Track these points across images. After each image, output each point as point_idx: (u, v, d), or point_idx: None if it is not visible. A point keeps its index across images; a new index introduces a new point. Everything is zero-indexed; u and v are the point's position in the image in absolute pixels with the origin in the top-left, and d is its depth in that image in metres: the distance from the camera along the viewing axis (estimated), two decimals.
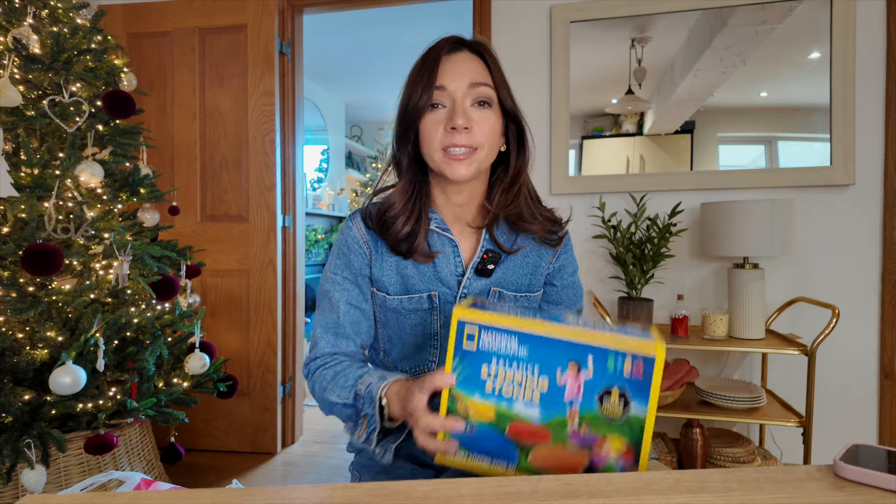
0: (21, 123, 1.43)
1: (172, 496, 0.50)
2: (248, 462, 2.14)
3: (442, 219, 0.82)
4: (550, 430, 0.57)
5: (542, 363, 0.57)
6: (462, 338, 0.58)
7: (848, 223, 1.81)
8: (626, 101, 1.96)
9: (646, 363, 0.54)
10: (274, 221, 2.19)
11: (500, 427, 0.58)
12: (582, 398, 0.56)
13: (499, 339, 0.58)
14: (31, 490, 1.30)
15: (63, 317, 1.44)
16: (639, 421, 0.54)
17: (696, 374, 1.76)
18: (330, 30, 3.36)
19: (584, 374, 0.56)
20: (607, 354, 0.55)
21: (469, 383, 0.58)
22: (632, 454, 0.55)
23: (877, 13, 1.76)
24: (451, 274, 0.81)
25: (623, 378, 0.55)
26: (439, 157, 0.75)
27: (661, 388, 1.62)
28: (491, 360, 0.58)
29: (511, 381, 0.57)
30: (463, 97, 0.75)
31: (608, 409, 0.55)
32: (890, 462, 0.49)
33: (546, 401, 0.57)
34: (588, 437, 0.56)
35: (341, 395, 0.73)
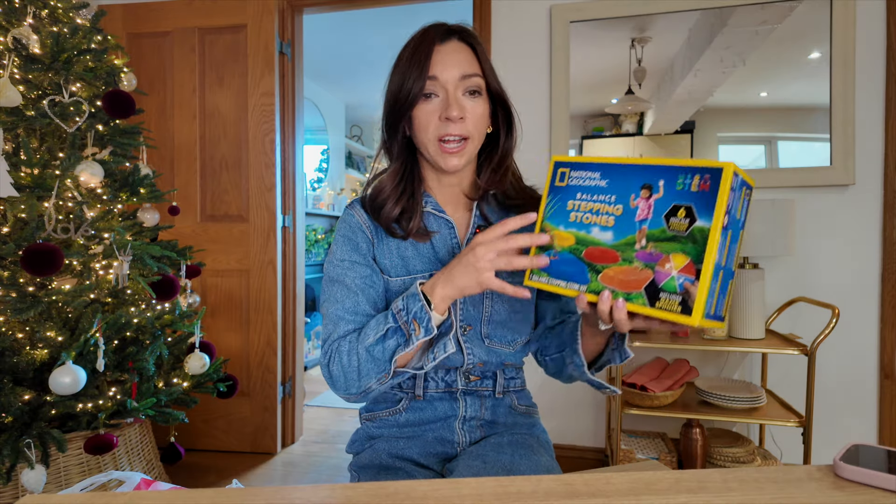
0: (21, 123, 1.43)
1: (172, 496, 0.50)
2: (248, 462, 2.14)
3: (436, 201, 0.85)
4: (619, 250, 0.61)
5: (618, 191, 0.62)
6: (556, 178, 0.68)
7: (848, 223, 1.81)
8: (626, 101, 1.96)
9: (713, 177, 0.56)
10: (274, 221, 2.19)
11: (578, 252, 0.65)
12: (651, 217, 0.60)
13: (585, 174, 0.66)
14: (31, 490, 1.30)
15: (63, 317, 1.44)
16: (702, 231, 0.56)
17: (696, 374, 1.76)
18: (330, 30, 3.36)
19: (655, 195, 0.60)
20: (678, 174, 0.59)
21: (557, 216, 0.67)
22: (693, 269, 0.56)
23: (877, 13, 1.76)
24: (449, 253, 0.83)
25: (691, 194, 0.58)
26: (434, 149, 0.78)
27: (660, 387, 1.62)
28: (576, 194, 0.66)
29: (591, 210, 0.64)
30: (455, 88, 0.77)
31: (674, 224, 0.58)
32: (890, 462, 0.49)
33: (619, 224, 0.62)
34: (653, 255, 0.59)
35: (378, 329, 0.72)
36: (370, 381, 0.73)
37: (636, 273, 0.60)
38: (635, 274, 0.60)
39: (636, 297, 0.60)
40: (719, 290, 0.58)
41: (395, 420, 0.86)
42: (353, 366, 0.73)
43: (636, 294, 0.60)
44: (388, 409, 0.86)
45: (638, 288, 0.60)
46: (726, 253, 0.58)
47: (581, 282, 0.64)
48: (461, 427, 0.84)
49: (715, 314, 0.58)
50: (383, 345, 0.71)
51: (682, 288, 0.57)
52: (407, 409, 0.85)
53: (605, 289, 0.62)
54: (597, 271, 0.63)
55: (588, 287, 0.63)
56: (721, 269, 0.57)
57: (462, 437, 0.84)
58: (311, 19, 2.70)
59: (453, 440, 0.84)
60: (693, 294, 0.56)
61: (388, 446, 0.84)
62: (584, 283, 0.64)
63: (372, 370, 0.72)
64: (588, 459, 2.04)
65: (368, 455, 0.84)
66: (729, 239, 0.58)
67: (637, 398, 1.62)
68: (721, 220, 0.55)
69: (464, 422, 0.84)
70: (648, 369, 1.75)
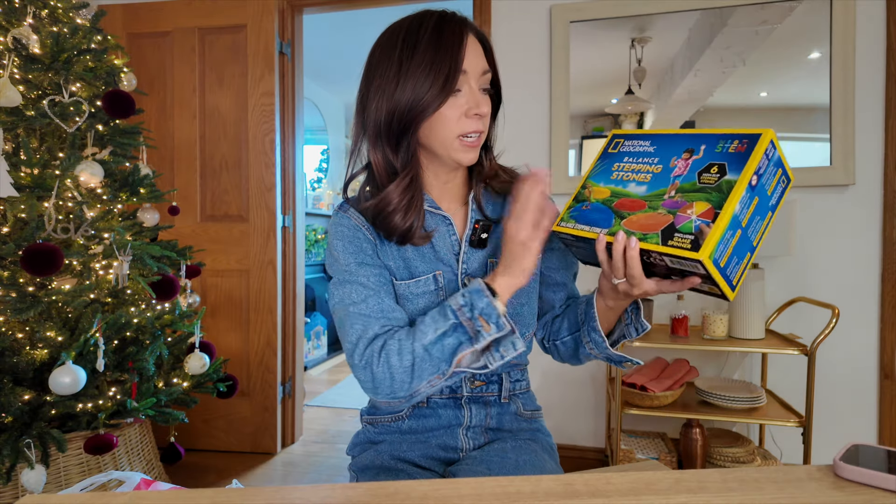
0: (21, 123, 1.43)
1: (172, 496, 0.50)
2: (248, 462, 2.14)
3: (431, 198, 0.81)
4: (648, 200, 0.64)
5: (662, 155, 0.66)
6: (609, 146, 0.73)
7: (848, 223, 1.81)
8: (625, 101, 1.96)
9: (750, 141, 0.60)
10: (274, 221, 2.19)
11: (610, 202, 0.68)
12: (686, 173, 0.63)
13: (636, 143, 0.70)
14: (31, 490, 1.30)
15: (63, 317, 1.44)
16: (729, 183, 0.58)
17: (695, 374, 1.76)
18: (330, 30, 3.36)
19: (695, 157, 0.63)
20: (719, 139, 0.62)
21: (600, 176, 0.71)
22: (711, 214, 0.58)
23: (877, 13, 1.76)
24: (450, 252, 0.80)
25: (727, 154, 0.61)
26: (456, 145, 0.74)
27: (660, 387, 1.62)
28: (623, 158, 0.70)
29: (632, 170, 0.68)
30: (477, 83, 0.74)
31: (705, 178, 0.61)
32: (890, 462, 0.49)
33: (655, 179, 0.65)
34: (678, 203, 0.62)
35: (437, 326, 0.67)
36: (421, 383, 0.68)
37: (658, 218, 0.62)
38: (657, 219, 0.62)
39: (651, 237, 0.61)
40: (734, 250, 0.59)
41: (398, 427, 0.84)
42: (406, 365, 0.67)
43: (652, 234, 0.61)
44: (391, 415, 0.84)
45: (655, 230, 0.61)
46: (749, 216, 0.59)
47: (605, 226, 0.66)
48: (465, 434, 0.82)
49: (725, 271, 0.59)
50: (443, 342, 0.67)
51: (696, 228, 0.58)
52: (410, 416, 0.83)
53: (625, 231, 0.63)
54: (622, 217, 0.65)
55: (609, 230, 0.65)
56: (740, 227, 0.59)
57: (466, 442, 0.82)
58: (311, 19, 2.70)
59: (457, 446, 0.82)
60: (706, 233, 0.57)
61: (391, 449, 0.83)
62: (607, 227, 0.66)
63: (427, 370, 0.68)
64: (588, 459, 2.04)
65: (370, 456, 0.83)
66: (755, 205, 0.60)
67: (637, 398, 1.62)
68: (749, 176, 0.58)
69: (468, 429, 0.82)
70: (648, 369, 1.75)
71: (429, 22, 0.72)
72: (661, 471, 0.54)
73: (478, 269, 0.80)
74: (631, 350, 1.96)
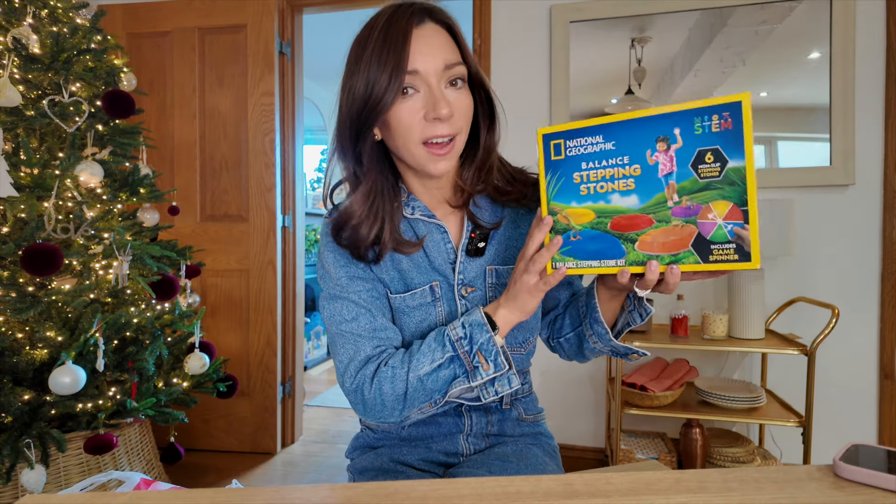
0: (21, 123, 1.43)
1: (172, 496, 0.50)
2: (248, 462, 2.14)
3: (424, 205, 0.76)
4: (651, 212, 0.56)
5: (630, 151, 0.56)
6: (549, 152, 0.61)
7: (848, 223, 1.81)
8: (625, 101, 1.96)
9: (733, 112, 0.52)
10: (274, 221, 2.19)
11: (602, 225, 0.59)
12: (677, 168, 0.55)
13: (584, 142, 0.59)
14: (31, 490, 1.29)
15: (63, 317, 1.44)
16: (738, 172, 0.52)
17: (695, 373, 1.76)
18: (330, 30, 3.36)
19: (674, 146, 0.55)
20: (692, 117, 0.54)
21: (564, 194, 0.60)
22: (739, 213, 0.52)
23: (877, 13, 1.76)
24: (445, 261, 0.76)
25: (713, 135, 0.53)
26: (420, 153, 0.68)
27: (660, 387, 1.62)
28: (580, 164, 0.59)
29: (603, 178, 0.58)
30: (438, 80, 0.66)
31: (704, 172, 0.54)
32: (890, 462, 0.49)
33: (641, 185, 0.56)
34: (690, 208, 0.54)
35: (434, 357, 0.65)
36: (412, 410, 0.68)
37: (677, 231, 0.55)
38: (676, 233, 0.55)
39: (686, 256, 0.55)
40: None
41: (398, 433, 0.82)
42: (399, 393, 0.67)
43: (685, 253, 0.55)
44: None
45: (685, 246, 0.55)
46: None
47: (616, 256, 0.59)
48: (466, 440, 0.81)
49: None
50: (438, 374, 0.65)
51: (732, 234, 0.53)
52: (411, 425, 0.81)
53: (649, 257, 0.57)
54: (631, 241, 0.58)
55: (627, 259, 0.58)
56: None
57: (466, 448, 0.81)
58: (311, 19, 2.70)
59: (458, 451, 0.81)
60: (746, 238, 0.52)
61: (390, 452, 0.82)
62: (621, 256, 0.58)
63: (419, 399, 0.67)
64: (588, 459, 2.04)
65: (370, 458, 0.82)
66: None
67: (637, 398, 1.62)
68: (753, 155, 0.52)
69: (468, 436, 0.81)
70: (648, 369, 1.75)
71: (381, 17, 0.67)
72: (661, 471, 0.54)
73: (475, 279, 0.76)
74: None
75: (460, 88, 0.68)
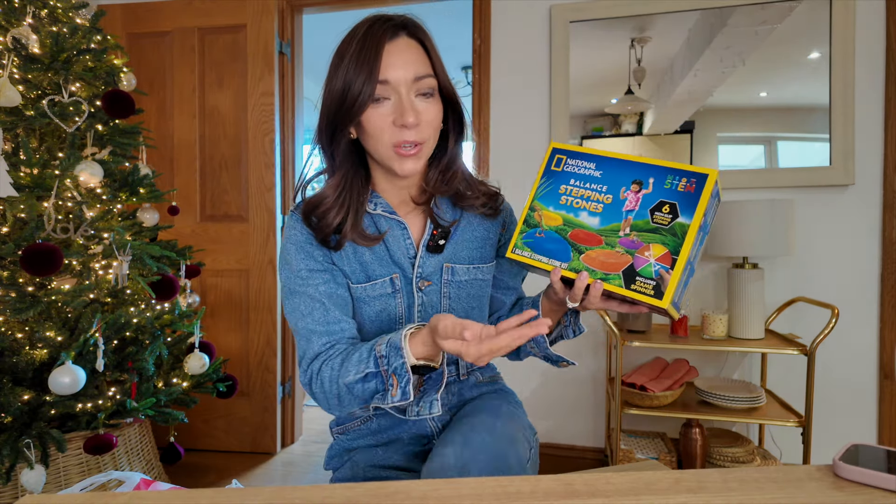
0: (20, 123, 1.43)
1: (172, 496, 0.50)
2: (248, 462, 2.14)
3: (387, 202, 0.82)
4: (604, 235, 0.67)
5: (610, 183, 0.68)
6: (552, 162, 0.73)
7: (847, 223, 1.81)
8: (625, 101, 1.96)
9: (698, 181, 0.63)
10: (273, 221, 2.19)
11: (564, 232, 0.69)
12: (638, 209, 0.65)
13: (580, 163, 0.70)
14: (31, 490, 1.29)
15: (62, 317, 1.44)
16: (682, 227, 0.62)
17: (695, 373, 1.76)
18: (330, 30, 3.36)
19: (644, 191, 0.66)
20: (667, 174, 0.65)
21: (548, 198, 0.71)
22: (669, 259, 0.62)
23: (877, 13, 1.76)
24: (404, 256, 0.81)
25: (676, 192, 0.64)
26: (389, 154, 0.74)
27: (660, 387, 1.62)
28: (570, 180, 0.71)
29: (581, 196, 0.69)
30: (408, 91, 0.72)
31: (658, 218, 0.64)
32: (889, 462, 0.49)
33: (607, 211, 0.67)
34: (634, 242, 0.64)
35: (359, 369, 0.69)
36: (351, 409, 0.75)
37: (616, 257, 0.65)
38: (616, 257, 0.65)
39: (613, 278, 0.65)
40: (684, 283, 0.64)
41: (368, 428, 0.86)
42: (334, 394, 0.73)
43: (614, 275, 0.65)
44: (359, 419, 0.87)
45: (616, 270, 0.65)
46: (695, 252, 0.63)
47: (563, 259, 0.68)
48: (432, 421, 0.85)
49: (676, 303, 0.64)
50: (363, 386, 0.70)
51: (657, 274, 0.62)
52: (377, 416, 0.85)
53: (585, 268, 0.66)
54: (579, 251, 0.67)
55: (569, 265, 0.68)
56: (689, 263, 0.63)
57: (435, 427, 0.85)
58: (310, 19, 2.69)
59: (427, 433, 0.85)
60: (666, 280, 0.62)
61: (367, 458, 0.83)
62: (566, 261, 0.68)
63: (352, 403, 0.73)
64: (588, 459, 2.04)
65: (349, 469, 0.84)
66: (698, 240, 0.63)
67: (637, 398, 1.62)
68: (700, 220, 0.62)
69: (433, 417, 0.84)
70: (648, 369, 1.75)
71: (360, 30, 0.73)
72: (660, 471, 0.54)
73: (432, 274, 0.82)
74: (631, 350, 1.96)
75: (430, 99, 0.74)
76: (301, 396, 2.40)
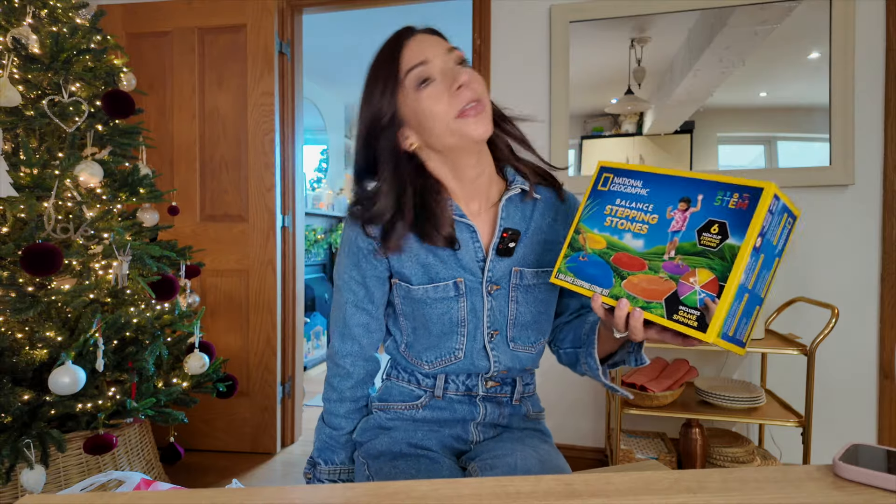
0: (20, 123, 1.43)
1: (172, 496, 0.50)
2: (248, 462, 2.14)
3: (457, 204, 0.80)
4: (647, 259, 0.61)
5: (656, 201, 0.62)
6: (598, 182, 0.68)
7: (847, 223, 1.81)
8: (625, 101, 1.96)
9: (752, 196, 0.55)
10: (273, 221, 2.19)
11: (607, 255, 0.65)
12: (685, 229, 0.59)
13: (627, 182, 0.66)
14: (31, 490, 1.29)
15: (62, 317, 1.44)
16: (732, 249, 0.55)
17: (695, 373, 1.76)
18: (330, 30, 3.36)
19: (692, 209, 0.59)
20: (717, 190, 0.58)
21: (593, 219, 0.67)
22: (716, 286, 0.55)
23: (876, 13, 1.76)
24: (473, 259, 0.80)
25: (727, 210, 0.56)
26: (457, 126, 0.72)
27: (660, 387, 1.62)
28: (616, 200, 0.66)
29: (626, 217, 0.64)
30: (446, 61, 0.74)
31: (705, 239, 0.57)
32: (889, 462, 0.49)
33: (652, 233, 0.61)
34: (679, 267, 0.58)
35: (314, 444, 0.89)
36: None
37: (659, 283, 0.59)
38: (658, 284, 0.59)
39: (655, 307, 0.59)
40: (742, 313, 0.56)
41: (412, 415, 0.86)
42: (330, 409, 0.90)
43: (655, 304, 0.59)
44: (406, 402, 0.86)
45: (658, 298, 0.59)
46: (755, 277, 0.56)
47: (605, 285, 0.64)
48: (476, 428, 0.86)
49: (734, 337, 0.57)
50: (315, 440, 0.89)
51: (702, 303, 0.55)
52: (425, 407, 0.85)
53: (626, 295, 0.61)
54: (622, 276, 0.62)
55: (610, 291, 0.63)
56: (747, 291, 0.55)
57: (476, 436, 0.86)
58: (310, 19, 2.69)
59: (468, 439, 0.86)
60: (712, 311, 0.54)
61: (406, 436, 0.84)
62: (608, 287, 0.63)
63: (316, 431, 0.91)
64: (588, 459, 2.04)
65: (385, 443, 0.84)
66: (760, 263, 0.56)
67: (637, 398, 1.62)
68: (753, 241, 0.54)
69: (479, 424, 0.86)
70: (648, 369, 1.75)
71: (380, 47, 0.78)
72: (660, 471, 0.54)
73: (501, 278, 0.81)
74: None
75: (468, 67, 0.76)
76: (301, 396, 2.40)
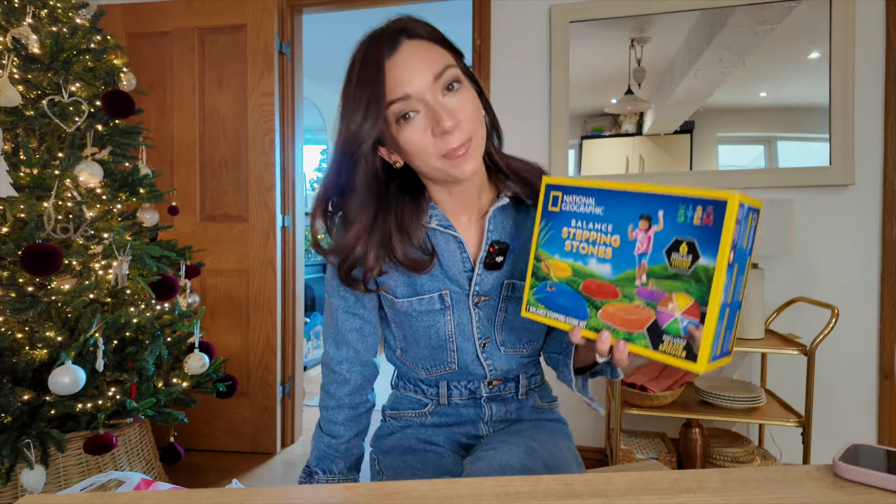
0: (20, 123, 1.43)
1: (172, 496, 0.50)
2: (248, 462, 2.14)
3: (443, 214, 0.76)
4: (619, 286, 0.57)
5: (615, 221, 0.58)
6: (548, 202, 0.63)
7: (847, 223, 1.81)
8: (625, 101, 1.96)
9: (716, 209, 0.51)
10: (273, 221, 2.19)
11: (575, 284, 0.61)
12: (651, 251, 0.55)
13: (578, 200, 0.61)
14: (31, 490, 1.29)
15: (62, 317, 1.44)
16: (706, 271, 0.51)
17: (695, 373, 1.76)
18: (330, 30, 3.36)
19: (654, 227, 0.55)
20: (678, 205, 0.53)
21: (552, 244, 0.63)
22: (697, 311, 0.52)
23: (876, 13, 1.76)
24: (460, 271, 0.77)
25: (693, 227, 0.52)
26: (442, 165, 0.68)
27: (660, 387, 1.62)
28: (570, 221, 0.61)
29: (587, 240, 0.60)
30: (433, 94, 0.65)
31: (676, 261, 0.53)
32: (889, 462, 0.49)
33: (617, 257, 0.57)
34: (654, 293, 0.55)
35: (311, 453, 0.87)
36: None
37: (637, 311, 0.56)
38: (636, 312, 0.56)
39: (638, 338, 0.56)
40: (725, 328, 0.54)
41: (421, 421, 0.87)
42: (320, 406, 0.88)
43: (638, 334, 0.56)
44: (414, 410, 0.87)
45: (640, 328, 0.56)
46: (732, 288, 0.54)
47: (580, 316, 0.60)
48: (486, 425, 0.86)
49: (721, 352, 0.55)
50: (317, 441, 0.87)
51: (686, 332, 0.53)
52: (433, 414, 0.86)
53: (605, 327, 0.58)
54: (596, 307, 0.59)
55: (588, 323, 0.60)
56: (727, 306, 0.53)
57: (486, 431, 0.86)
58: (310, 19, 2.69)
59: (479, 434, 0.86)
60: (698, 339, 0.52)
61: (416, 433, 0.86)
62: (584, 319, 0.60)
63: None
64: (588, 459, 2.04)
65: (396, 439, 0.86)
66: (735, 273, 0.54)
67: (636, 398, 1.62)
68: (726, 259, 0.51)
69: (489, 422, 0.86)
70: (648, 369, 1.75)
71: (358, 55, 0.68)
72: (660, 471, 0.54)
73: (491, 290, 0.78)
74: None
75: (460, 89, 0.67)
76: (301, 396, 2.40)
